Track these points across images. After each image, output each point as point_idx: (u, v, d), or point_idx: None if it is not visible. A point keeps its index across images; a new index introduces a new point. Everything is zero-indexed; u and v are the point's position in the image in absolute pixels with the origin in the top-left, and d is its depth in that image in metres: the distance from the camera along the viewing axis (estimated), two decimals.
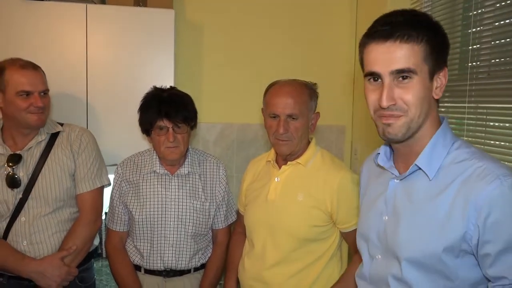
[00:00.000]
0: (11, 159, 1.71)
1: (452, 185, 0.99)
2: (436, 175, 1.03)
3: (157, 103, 1.75)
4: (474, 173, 0.97)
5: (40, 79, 1.72)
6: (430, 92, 1.02)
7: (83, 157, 1.81)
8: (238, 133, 2.72)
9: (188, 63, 2.61)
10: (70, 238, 1.76)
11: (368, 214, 1.21)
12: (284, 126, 1.55)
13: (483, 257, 0.96)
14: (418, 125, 1.03)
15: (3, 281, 1.74)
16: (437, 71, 1.02)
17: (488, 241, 0.95)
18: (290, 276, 1.60)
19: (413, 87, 0.99)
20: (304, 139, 1.64)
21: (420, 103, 1.00)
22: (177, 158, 1.79)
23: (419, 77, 0.99)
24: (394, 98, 1.00)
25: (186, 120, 1.76)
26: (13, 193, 1.71)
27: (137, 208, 1.81)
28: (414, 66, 0.98)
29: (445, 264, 0.99)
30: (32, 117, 1.69)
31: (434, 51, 1.00)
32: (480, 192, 0.94)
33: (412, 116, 1.01)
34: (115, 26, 2.20)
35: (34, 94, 1.68)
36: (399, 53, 0.98)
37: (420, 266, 1.03)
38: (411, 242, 1.04)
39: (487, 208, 0.94)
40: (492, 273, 0.96)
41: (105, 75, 2.20)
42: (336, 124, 2.78)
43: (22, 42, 2.10)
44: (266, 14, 2.68)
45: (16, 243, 1.71)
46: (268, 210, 1.64)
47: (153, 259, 1.80)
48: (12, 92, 1.66)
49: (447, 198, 0.99)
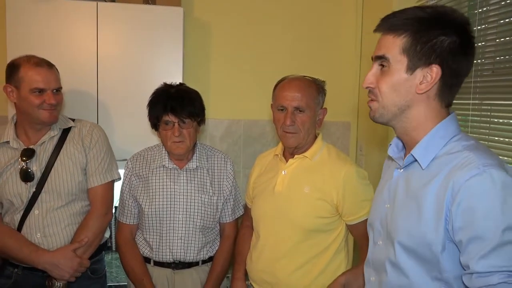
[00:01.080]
0: (25, 154, 1.75)
1: (439, 175, 1.01)
2: (429, 165, 1.06)
3: (164, 98, 1.80)
4: (459, 162, 0.99)
5: (54, 77, 1.76)
6: (408, 84, 1.05)
7: (94, 152, 1.86)
8: (244, 129, 2.75)
9: (196, 60, 2.65)
10: (82, 231, 1.81)
11: (376, 203, 1.26)
12: (291, 118, 1.60)
13: (458, 245, 0.98)
14: (391, 113, 1.08)
15: (17, 272, 1.79)
16: (421, 66, 1.03)
17: (460, 228, 0.96)
18: (297, 267, 1.63)
19: (386, 75, 1.06)
20: (311, 133, 1.67)
21: (391, 91, 1.06)
22: (183, 152, 1.83)
23: (393, 67, 1.05)
24: (372, 82, 1.10)
25: (192, 116, 1.80)
26: (27, 186, 1.76)
27: (146, 201, 1.85)
28: (388, 55, 1.05)
29: (433, 253, 1.01)
30: (45, 114, 1.74)
31: (417, 44, 1.02)
32: (459, 179, 0.95)
33: (383, 102, 1.08)
34: (125, 24, 2.24)
35: (47, 91, 1.72)
36: (381, 42, 1.08)
37: (410, 252, 1.06)
38: (402, 226, 1.08)
39: (461, 194, 0.94)
40: (462, 261, 0.97)
41: (115, 72, 2.25)
42: (342, 120, 2.81)
43: (33, 40, 2.15)
44: (273, 12, 2.70)
45: (30, 235, 1.76)
46: (275, 202, 1.68)
47: (162, 251, 1.85)
48: (26, 89, 1.70)
49: (434, 187, 1.01)
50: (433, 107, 1.07)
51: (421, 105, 1.07)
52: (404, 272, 1.08)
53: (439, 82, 1.04)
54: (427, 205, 1.03)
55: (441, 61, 1.02)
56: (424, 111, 1.07)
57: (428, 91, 1.04)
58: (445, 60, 1.02)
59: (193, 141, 1.86)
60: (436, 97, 1.06)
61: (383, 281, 1.15)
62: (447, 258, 1.01)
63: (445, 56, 1.01)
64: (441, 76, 1.03)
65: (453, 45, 1.01)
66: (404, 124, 1.10)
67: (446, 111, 1.10)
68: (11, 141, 1.77)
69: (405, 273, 1.08)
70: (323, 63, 2.74)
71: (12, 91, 1.73)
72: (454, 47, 1.01)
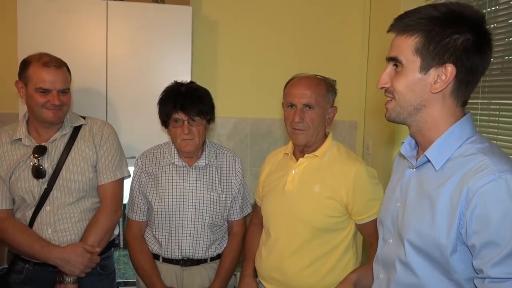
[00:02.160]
0: (37, 151, 1.77)
1: (453, 177, 1.01)
2: (443, 167, 1.06)
3: (175, 96, 1.81)
4: (474, 166, 0.98)
5: (61, 78, 1.75)
6: (422, 84, 1.05)
7: (104, 149, 1.87)
8: (251, 128, 2.76)
9: (204, 58, 2.66)
10: (93, 227, 1.83)
11: (387, 201, 1.26)
12: (300, 114, 1.62)
13: (471, 248, 0.99)
14: (407, 112, 1.09)
15: (28, 267, 1.81)
16: (434, 66, 1.03)
17: (474, 232, 0.96)
18: (306, 266, 1.64)
19: (400, 75, 1.07)
20: (321, 131, 1.68)
21: (406, 91, 1.07)
22: (192, 150, 1.84)
23: (406, 68, 1.05)
24: (387, 82, 1.10)
25: (201, 113, 1.81)
26: (39, 183, 1.78)
27: (156, 198, 1.87)
28: (401, 56, 1.05)
29: (443, 254, 1.02)
30: (48, 113, 1.75)
31: (430, 44, 1.02)
32: (474, 185, 0.95)
33: (399, 101, 1.08)
34: (134, 22, 2.26)
35: (53, 92, 1.73)
36: (394, 43, 1.08)
37: (420, 251, 1.07)
38: (413, 226, 1.09)
39: (476, 200, 0.95)
40: (475, 265, 0.98)
41: (124, 70, 2.26)
42: (349, 119, 2.81)
43: (44, 38, 2.16)
44: (281, 11, 2.71)
45: (41, 231, 1.78)
46: (285, 201, 1.69)
47: (171, 248, 1.86)
48: (33, 87, 1.72)
49: (448, 190, 1.02)
50: (449, 106, 1.07)
51: (437, 104, 1.06)
52: (413, 271, 1.09)
53: (454, 80, 1.03)
54: (440, 207, 1.03)
55: (455, 60, 1.01)
56: (440, 110, 1.07)
57: (443, 90, 1.04)
58: (459, 58, 1.01)
59: (202, 139, 1.87)
60: (452, 96, 1.06)
61: (392, 279, 1.16)
62: (457, 260, 1.01)
63: (459, 54, 1.01)
64: (456, 75, 1.02)
65: (466, 43, 1.00)
66: (419, 123, 1.10)
67: (461, 111, 1.09)
68: (23, 138, 1.79)
69: (415, 271, 1.09)
70: (330, 62, 2.74)
71: (22, 87, 1.75)
72: (468, 45, 1.00)
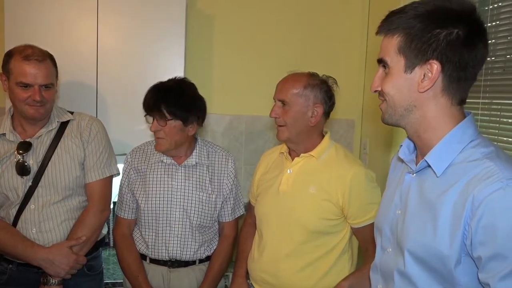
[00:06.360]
0: (21, 147, 1.71)
1: (457, 185, 0.96)
2: (444, 172, 1.00)
3: (148, 95, 1.78)
4: (480, 173, 0.92)
5: (43, 73, 1.66)
6: (409, 83, 1.01)
7: (92, 146, 1.81)
8: (247, 125, 2.71)
9: (199, 53, 2.60)
10: (79, 227, 1.77)
11: (384, 207, 1.20)
12: (274, 110, 1.64)
13: (476, 260, 0.93)
14: (399, 114, 1.05)
15: (12, 268, 1.75)
16: (418, 64, 0.99)
17: (480, 244, 0.91)
18: (300, 269, 1.59)
19: (388, 77, 1.04)
20: (303, 129, 1.61)
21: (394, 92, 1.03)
22: (162, 150, 1.78)
23: (392, 68, 1.02)
24: (378, 85, 1.07)
25: (171, 114, 1.72)
26: (23, 180, 1.71)
27: (143, 197, 1.81)
28: (386, 57, 1.03)
29: (446, 266, 0.97)
30: (29, 110, 1.67)
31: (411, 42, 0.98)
32: (479, 193, 0.90)
33: (390, 103, 1.05)
34: (126, 15, 2.18)
35: (34, 87, 1.64)
36: (381, 44, 1.05)
37: (421, 262, 1.02)
38: (413, 234, 1.03)
39: (482, 209, 0.89)
40: (481, 278, 0.92)
41: (115, 64, 2.19)
42: (345, 118, 2.76)
43: (32, 30, 2.09)
44: (278, 6, 2.65)
45: (26, 230, 1.72)
46: (280, 201, 1.64)
47: (158, 249, 1.81)
48: (14, 81, 1.65)
49: (451, 198, 0.96)
50: (442, 105, 1.01)
51: (429, 104, 1.01)
52: (413, 282, 1.04)
53: (443, 77, 0.98)
54: (442, 216, 0.97)
55: (439, 55, 0.96)
56: (433, 110, 1.01)
57: (433, 89, 0.99)
58: (444, 54, 0.96)
59: (176, 139, 1.76)
60: (444, 94, 1.00)
61: None
62: (461, 272, 0.96)
63: (443, 49, 0.95)
64: (443, 71, 0.97)
65: (450, 37, 0.95)
66: (414, 125, 1.05)
67: (459, 110, 1.03)
68: (8, 133, 1.73)
69: (415, 283, 1.03)
70: (328, 59, 2.68)
71: (5, 80, 1.68)
72: (452, 39, 0.95)
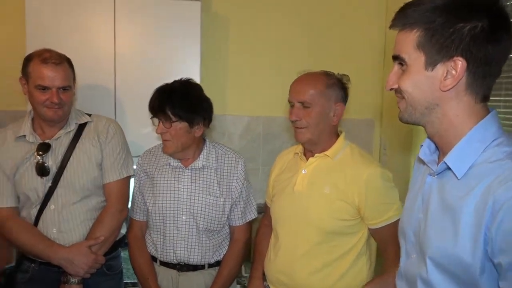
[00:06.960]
0: (41, 148, 1.74)
1: (478, 187, 0.90)
2: (466, 175, 0.94)
3: (154, 95, 1.78)
4: (501, 175, 0.86)
5: (61, 75, 1.70)
6: (430, 81, 0.95)
7: (110, 147, 1.83)
8: (264, 126, 2.71)
9: (214, 55, 2.61)
10: (98, 227, 1.79)
11: (408, 210, 1.14)
12: (295, 112, 1.59)
13: (497, 267, 0.87)
14: (419, 112, 0.99)
15: (34, 267, 1.79)
16: (441, 60, 0.93)
17: (500, 250, 0.85)
18: (315, 270, 1.57)
19: (405, 74, 0.98)
20: (325, 130, 1.60)
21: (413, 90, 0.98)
22: (169, 152, 1.77)
23: (411, 66, 0.97)
24: (394, 83, 1.02)
25: (176, 116, 1.71)
26: (43, 181, 1.75)
27: (151, 199, 1.82)
28: (403, 54, 0.97)
29: (470, 275, 0.91)
30: (48, 112, 1.71)
31: (432, 37, 0.92)
32: (500, 196, 0.84)
33: (409, 101, 0.99)
34: (143, 18, 2.22)
35: (52, 89, 1.69)
36: (396, 40, 1.00)
37: (443, 269, 0.96)
38: (433, 240, 0.98)
39: (503, 213, 0.83)
40: (501, 286, 0.87)
41: (132, 67, 2.23)
42: (365, 118, 2.73)
43: (52, 34, 2.14)
44: (293, 6, 2.64)
45: (46, 230, 1.75)
46: (295, 202, 1.62)
47: (166, 252, 1.80)
48: (32, 84, 1.69)
49: (472, 202, 0.90)
50: (466, 103, 0.95)
51: (451, 103, 0.95)
52: None
53: (467, 74, 0.92)
54: (464, 221, 0.91)
55: (463, 51, 0.90)
56: (456, 109, 0.95)
57: (456, 87, 0.93)
58: (468, 49, 0.89)
59: (182, 141, 1.75)
60: (467, 92, 0.94)
61: None
62: (487, 281, 0.90)
63: (467, 45, 0.89)
64: (468, 68, 0.91)
65: (474, 31, 0.88)
66: (435, 124, 0.99)
67: (483, 107, 0.97)
68: (28, 135, 1.77)
69: None
70: (345, 59, 2.65)
71: (25, 83, 1.73)
72: (476, 33, 0.88)
